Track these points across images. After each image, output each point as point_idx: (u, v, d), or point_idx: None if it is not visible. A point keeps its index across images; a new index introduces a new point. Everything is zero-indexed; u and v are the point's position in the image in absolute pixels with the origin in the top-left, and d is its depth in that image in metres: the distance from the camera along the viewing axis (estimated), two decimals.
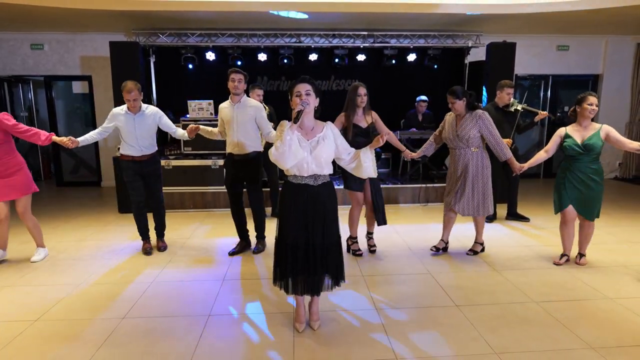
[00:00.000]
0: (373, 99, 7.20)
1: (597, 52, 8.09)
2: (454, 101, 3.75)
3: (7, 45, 7.22)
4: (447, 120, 3.95)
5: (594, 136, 3.46)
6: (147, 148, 4.02)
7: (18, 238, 4.62)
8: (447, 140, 3.91)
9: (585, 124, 3.52)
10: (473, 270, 3.70)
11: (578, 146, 3.49)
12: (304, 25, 6.76)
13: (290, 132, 2.41)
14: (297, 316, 2.75)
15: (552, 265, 3.80)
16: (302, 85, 2.49)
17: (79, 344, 2.56)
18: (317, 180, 2.54)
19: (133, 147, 3.97)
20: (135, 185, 4.04)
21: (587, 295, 3.20)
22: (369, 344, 2.55)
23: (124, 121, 3.94)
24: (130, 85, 3.82)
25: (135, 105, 3.89)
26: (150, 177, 4.10)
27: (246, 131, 3.90)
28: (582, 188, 3.55)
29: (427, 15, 6.13)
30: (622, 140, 3.44)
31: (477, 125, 3.74)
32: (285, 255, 2.56)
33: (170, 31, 6.69)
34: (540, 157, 3.76)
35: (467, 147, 3.79)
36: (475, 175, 3.82)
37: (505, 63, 6.25)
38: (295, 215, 2.53)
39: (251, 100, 3.98)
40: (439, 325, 2.78)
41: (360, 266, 3.82)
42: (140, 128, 3.95)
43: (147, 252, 4.15)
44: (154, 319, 2.87)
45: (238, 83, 3.83)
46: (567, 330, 2.69)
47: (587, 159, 3.51)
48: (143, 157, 4.01)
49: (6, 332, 2.69)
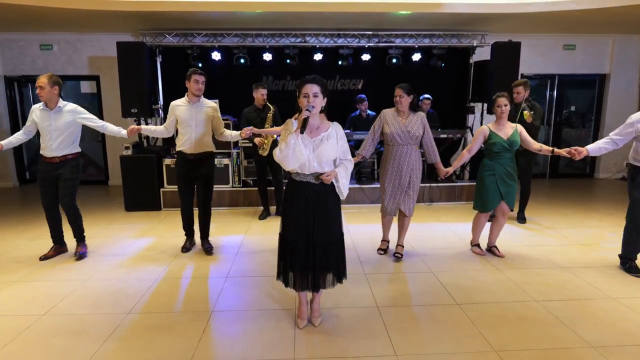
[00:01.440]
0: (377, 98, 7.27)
1: (604, 51, 8.03)
2: (402, 95, 3.74)
3: (17, 46, 7.33)
4: (387, 116, 3.84)
5: (514, 134, 3.77)
6: (59, 149, 3.80)
7: (26, 235, 4.71)
8: (394, 135, 3.76)
9: (503, 122, 3.82)
10: (475, 269, 3.71)
11: (505, 142, 3.75)
12: (309, 25, 6.79)
13: (295, 136, 2.42)
14: (299, 312, 2.78)
15: (555, 265, 3.80)
16: (310, 86, 2.45)
17: (84, 338, 2.62)
18: (319, 178, 2.55)
19: (45, 145, 3.79)
20: (43, 190, 3.85)
21: (589, 294, 3.20)
22: (369, 341, 2.58)
23: (39, 116, 3.81)
24: (40, 76, 3.72)
25: (42, 96, 3.73)
26: (59, 180, 3.84)
27: (204, 131, 3.94)
28: (510, 181, 3.83)
29: (431, 15, 6.13)
30: (529, 141, 3.81)
31: (422, 124, 3.81)
32: (286, 251, 2.60)
33: (177, 31, 6.76)
34: (464, 157, 3.95)
35: (414, 145, 3.82)
36: (418, 173, 3.87)
37: (511, 62, 6.23)
38: (296, 212, 2.55)
39: (208, 101, 4.03)
40: (439, 322, 2.80)
41: (362, 264, 3.84)
42: (57, 125, 3.77)
43: (45, 257, 3.99)
44: (157, 314, 2.92)
45: (202, 85, 3.88)
46: (567, 329, 2.69)
47: (509, 155, 3.81)
48: (53, 159, 3.81)
49: (13, 326, 2.76)
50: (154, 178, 5.91)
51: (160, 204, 5.96)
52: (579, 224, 5.10)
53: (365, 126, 6.15)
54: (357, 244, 4.42)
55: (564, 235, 4.64)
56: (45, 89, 3.73)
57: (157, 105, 6.70)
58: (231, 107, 6.71)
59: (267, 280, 3.47)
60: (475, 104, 7.26)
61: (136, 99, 5.97)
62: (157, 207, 5.95)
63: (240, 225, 5.17)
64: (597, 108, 8.38)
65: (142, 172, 5.89)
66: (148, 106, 6.09)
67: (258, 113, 5.18)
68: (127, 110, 5.97)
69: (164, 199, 5.98)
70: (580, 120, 8.58)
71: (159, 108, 6.77)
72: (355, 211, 5.87)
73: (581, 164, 8.58)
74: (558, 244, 4.38)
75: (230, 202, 6.06)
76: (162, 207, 5.96)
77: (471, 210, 4.21)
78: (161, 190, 5.96)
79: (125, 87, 5.95)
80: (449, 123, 7.06)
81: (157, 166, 5.93)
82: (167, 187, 5.98)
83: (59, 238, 4.09)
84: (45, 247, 4.13)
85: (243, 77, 7.10)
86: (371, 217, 5.49)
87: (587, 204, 6.15)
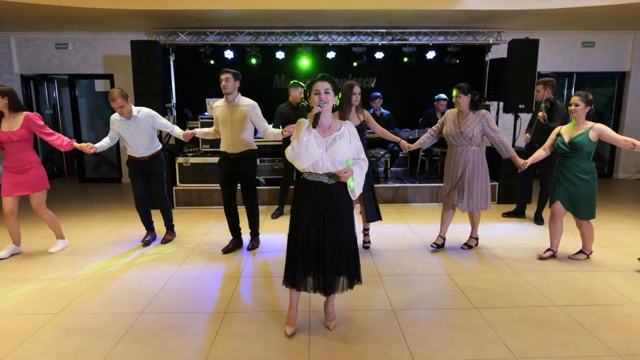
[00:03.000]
0: (391, 97, 7.19)
1: (624, 48, 7.82)
2: (459, 96, 3.82)
3: (33, 45, 7.41)
4: (448, 117, 3.99)
5: (581, 135, 3.52)
6: (146, 150, 4.17)
7: (40, 232, 4.74)
8: (449, 137, 3.93)
9: (577, 122, 3.59)
10: (492, 272, 3.63)
11: (565, 144, 3.59)
12: (322, 23, 6.73)
13: (307, 133, 2.39)
14: (288, 319, 2.67)
15: (575, 267, 3.69)
16: (321, 83, 2.45)
17: (98, 337, 2.61)
18: (332, 178, 2.50)
19: (132, 149, 4.16)
20: (136, 182, 4.23)
21: (612, 299, 3.10)
22: (386, 345, 2.52)
23: (120, 127, 4.08)
24: (114, 94, 3.87)
25: (122, 112, 3.98)
26: (151, 175, 4.26)
27: (241, 130, 3.92)
28: (570, 186, 3.64)
29: (446, 12, 6.03)
30: (616, 138, 3.48)
31: (481, 123, 3.81)
32: (295, 252, 2.52)
33: (190, 30, 6.76)
34: (540, 154, 3.85)
35: (470, 145, 3.86)
36: (477, 173, 3.90)
37: (528, 60, 6.08)
38: (308, 213, 2.49)
39: (245, 99, 3.99)
40: (457, 327, 2.73)
41: (377, 266, 3.78)
42: (137, 131, 4.08)
43: (145, 242, 4.38)
44: (171, 314, 2.91)
45: (226, 82, 3.84)
46: (591, 336, 2.61)
47: (575, 158, 3.59)
48: (143, 158, 4.18)
49: (28, 325, 2.76)
50: (167, 176, 5.89)
51: (173, 202, 5.96)
52: (599, 225, 4.96)
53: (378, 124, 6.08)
54: (372, 244, 4.35)
55: None
56: (125, 106, 3.96)
57: (170, 103, 6.71)
58: None
59: (280, 281, 3.37)
60: (491, 102, 7.13)
61: (150, 97, 5.98)
62: (170, 206, 5.93)
63: None
64: (616, 106, 8.18)
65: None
66: (161, 104, 6.09)
67: (294, 110, 5.17)
68: None
69: (177, 197, 5.98)
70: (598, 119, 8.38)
71: (172, 106, 6.78)
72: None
73: (599, 164, 8.39)
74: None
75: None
76: (175, 206, 5.97)
77: (488, 211, 4.12)
78: (174, 188, 5.97)
79: (139, 85, 5.96)
80: None
81: (170, 164, 5.94)
82: (180, 185, 5.98)
83: (151, 225, 4.50)
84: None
85: (255, 75, 7.08)
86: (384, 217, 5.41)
87: (607, 205, 6.00)
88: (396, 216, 5.47)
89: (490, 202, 4.05)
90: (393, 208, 5.90)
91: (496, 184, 6.13)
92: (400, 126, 6.84)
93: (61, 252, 4.15)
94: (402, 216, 5.46)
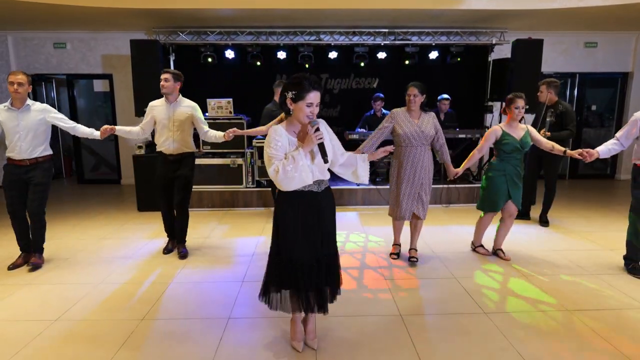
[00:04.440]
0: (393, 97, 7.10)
1: (627, 49, 7.77)
2: (416, 94, 3.63)
3: (31, 44, 7.32)
4: (398, 117, 3.70)
5: (526, 135, 3.72)
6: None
7: None
8: (407, 136, 3.62)
9: (515, 124, 3.75)
10: (500, 276, 3.56)
11: (517, 143, 3.70)
12: (324, 23, 6.66)
13: (303, 156, 2.15)
14: (294, 334, 2.48)
15: (584, 271, 3.63)
16: (316, 95, 2.19)
17: (97, 345, 2.53)
18: (321, 185, 2.30)
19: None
20: (10, 194, 3.59)
21: (623, 304, 3.04)
22: (394, 352, 2.45)
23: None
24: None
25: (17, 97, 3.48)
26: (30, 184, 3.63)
27: (182, 131, 3.85)
28: (518, 182, 3.80)
29: (449, 12, 5.97)
30: (540, 140, 3.76)
31: (434, 124, 3.72)
32: (284, 271, 2.27)
33: (190, 29, 6.68)
34: (474, 157, 3.88)
35: (427, 145, 3.72)
36: (430, 176, 3.77)
37: (532, 60, 6.03)
38: (299, 226, 2.25)
39: (186, 100, 3.92)
40: (467, 333, 2.66)
41: (381, 269, 3.71)
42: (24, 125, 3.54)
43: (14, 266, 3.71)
44: (172, 320, 2.82)
45: (165, 82, 3.76)
46: (604, 342, 2.54)
47: (519, 156, 3.77)
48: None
49: (25, 332, 2.67)
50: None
51: None
52: (604, 227, 4.91)
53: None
54: (374, 247, 4.28)
55: (589, 240, 4.46)
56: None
57: None
58: (244, 106, 6.63)
59: None
60: (494, 103, 7.07)
61: (149, 97, 5.85)
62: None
63: (255, 227, 5.06)
64: (619, 107, 8.13)
65: (155, 171, 5.78)
66: None
67: (281, 111, 5.05)
68: (141, 108, 5.88)
69: None
70: (599, 120, 8.34)
71: None
72: (371, 213, 5.74)
73: (602, 165, 8.34)
74: (584, 248, 4.20)
75: (244, 203, 5.97)
76: None
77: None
78: None
79: (139, 85, 5.87)
80: (466, 122, 6.87)
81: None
82: None
83: (28, 246, 3.75)
84: (57, 248, 4.07)
85: (256, 75, 7.01)
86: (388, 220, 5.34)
87: (610, 206, 5.94)
88: None
89: None
90: None
91: None
92: None
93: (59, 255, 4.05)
94: None
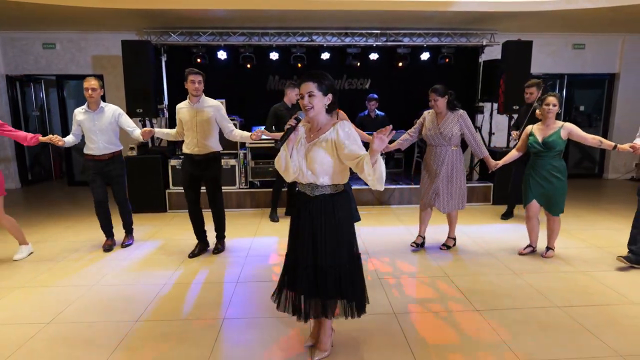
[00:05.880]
0: (385, 98, 7.16)
1: (614, 50, 7.91)
2: (436, 98, 3.85)
3: (19, 45, 7.23)
4: (426, 118, 4.01)
5: (553, 134, 3.64)
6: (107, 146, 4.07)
7: (29, 238, 4.59)
8: (428, 137, 3.96)
9: (548, 122, 3.69)
10: (492, 273, 3.61)
11: (538, 144, 3.69)
12: (316, 24, 6.69)
13: (285, 147, 2.13)
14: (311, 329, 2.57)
15: (574, 269, 3.69)
16: (304, 85, 2.09)
17: (92, 348, 2.52)
18: (314, 190, 2.17)
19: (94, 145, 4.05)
20: (95, 185, 4.11)
21: (612, 300, 3.10)
22: (389, 350, 2.48)
23: (83, 119, 4.03)
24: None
25: (92, 101, 4.00)
26: (111, 176, 4.16)
27: (206, 131, 3.85)
28: (545, 184, 3.76)
29: (440, 14, 6.03)
30: (584, 136, 3.61)
31: (459, 123, 3.85)
32: (284, 271, 2.34)
33: (182, 30, 6.66)
34: (512, 155, 3.94)
35: (449, 145, 3.89)
36: (456, 173, 3.94)
37: (522, 62, 6.11)
38: (293, 227, 2.28)
39: (210, 100, 3.92)
40: (459, 330, 2.70)
41: (376, 268, 3.74)
42: (100, 126, 4.03)
43: (107, 249, 4.22)
44: (167, 322, 2.82)
45: (199, 85, 3.78)
46: (594, 337, 2.59)
47: (548, 156, 3.70)
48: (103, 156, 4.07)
49: (17, 336, 2.65)
50: (159, 179, 5.81)
51: (166, 206, 5.86)
52: (594, 225, 5.00)
53: (374, 126, 6.05)
54: (368, 246, 4.31)
55: (580, 238, 4.53)
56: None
57: (162, 105, 6.60)
58: (237, 107, 6.64)
59: None
60: (484, 103, 7.15)
61: (141, 98, 5.87)
62: (163, 209, 5.85)
63: (249, 228, 5.07)
64: (606, 107, 8.26)
65: (147, 173, 5.78)
66: (153, 106, 5.99)
67: (289, 111, 5.08)
68: (132, 110, 5.87)
69: (170, 200, 5.88)
70: (587, 120, 8.47)
71: (164, 108, 6.67)
72: (365, 212, 5.76)
73: (590, 164, 8.47)
74: (575, 246, 4.28)
75: (237, 204, 5.97)
76: (167, 209, 5.87)
77: (483, 212, 4.11)
78: (167, 191, 5.87)
79: (130, 86, 5.84)
80: None
81: (162, 167, 5.84)
82: (173, 188, 5.88)
83: (111, 232, 4.35)
84: (50, 251, 4.04)
85: (249, 76, 7.01)
86: (381, 219, 5.39)
87: (600, 205, 6.05)
88: (393, 218, 5.44)
89: (466, 202, 4.12)
90: (389, 210, 5.87)
91: (491, 185, 6.14)
92: (394, 127, 6.80)
93: (53, 257, 4.02)
94: (398, 218, 5.43)
